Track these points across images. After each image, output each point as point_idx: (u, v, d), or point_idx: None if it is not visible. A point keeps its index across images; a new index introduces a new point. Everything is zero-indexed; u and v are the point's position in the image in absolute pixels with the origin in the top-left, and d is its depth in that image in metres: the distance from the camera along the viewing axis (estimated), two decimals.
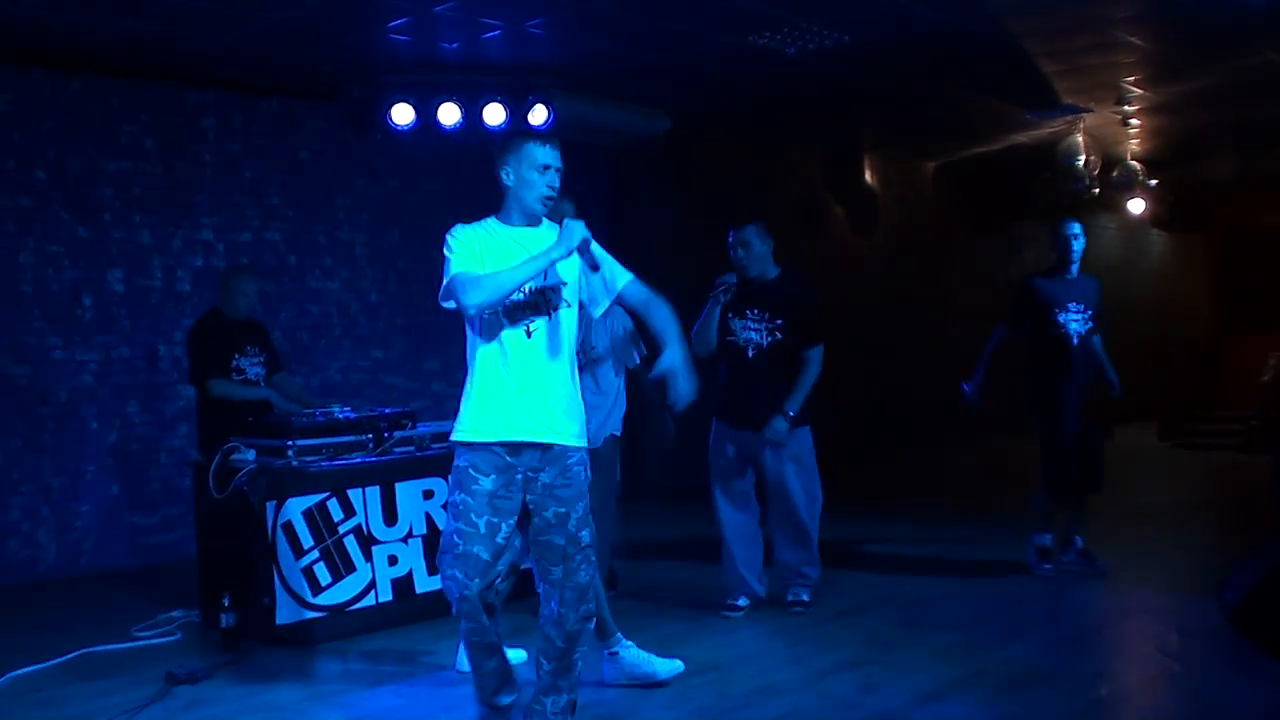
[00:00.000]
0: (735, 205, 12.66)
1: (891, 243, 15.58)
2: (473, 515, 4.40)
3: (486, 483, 4.42)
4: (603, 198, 12.08)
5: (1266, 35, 9.42)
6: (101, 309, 9.08)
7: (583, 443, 4.53)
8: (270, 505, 6.47)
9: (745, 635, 6.58)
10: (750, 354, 6.80)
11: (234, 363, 7.70)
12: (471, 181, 11.14)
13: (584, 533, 4.50)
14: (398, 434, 7.12)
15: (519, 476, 4.47)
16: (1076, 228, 7.99)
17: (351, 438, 6.92)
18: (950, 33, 8.97)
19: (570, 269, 4.59)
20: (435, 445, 7.19)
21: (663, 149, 11.92)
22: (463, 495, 4.44)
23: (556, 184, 4.55)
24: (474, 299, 4.31)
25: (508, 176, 4.57)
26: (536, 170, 4.52)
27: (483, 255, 4.48)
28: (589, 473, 4.57)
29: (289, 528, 6.51)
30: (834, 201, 14.64)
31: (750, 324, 6.83)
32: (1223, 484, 13.04)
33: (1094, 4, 8.43)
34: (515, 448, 4.44)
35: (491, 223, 4.67)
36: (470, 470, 4.46)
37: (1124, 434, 19.24)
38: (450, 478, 4.56)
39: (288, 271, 10.08)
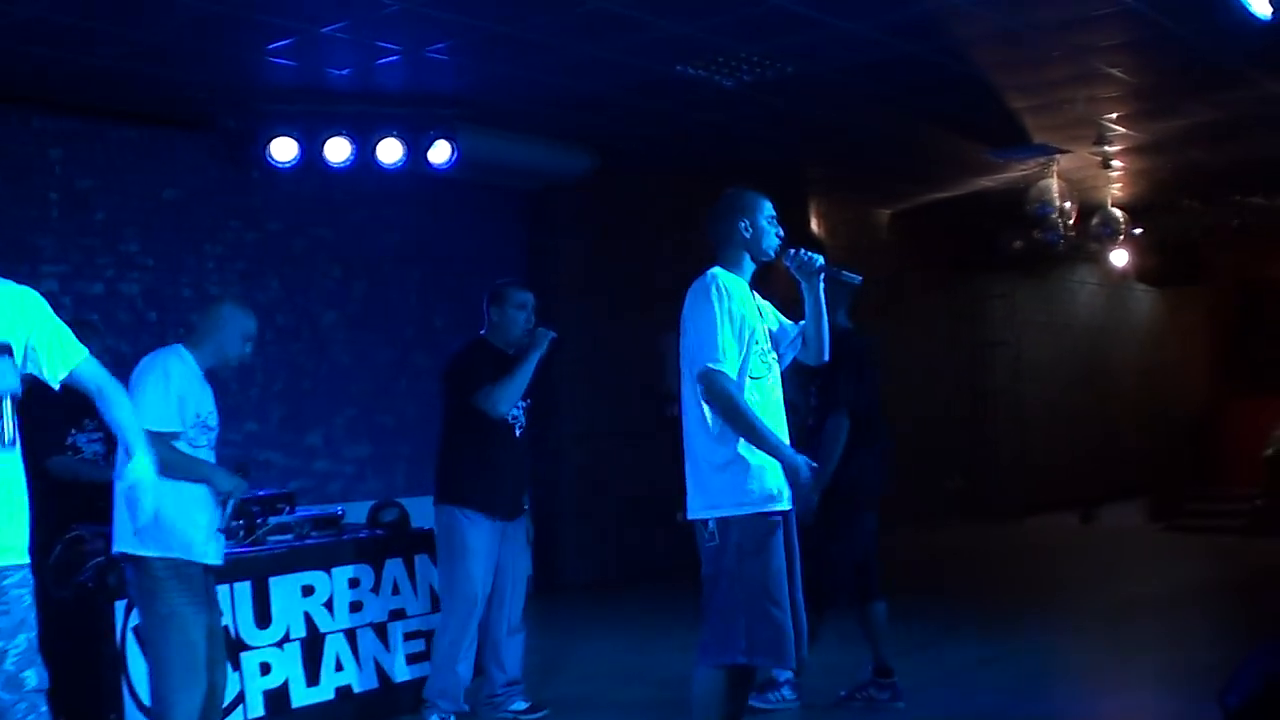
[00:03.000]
0: (667, 253, 12.75)
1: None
2: None
3: None
4: (518, 243, 12.08)
5: (1265, 65, 9.59)
6: None
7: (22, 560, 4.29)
8: (119, 605, 6.33)
9: None
10: (518, 432, 7.23)
11: (69, 439, 7.22)
12: (362, 227, 11.12)
13: (27, 673, 4.27)
14: (273, 520, 7.02)
15: None
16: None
17: None
18: (907, 62, 9.09)
19: None
20: (317, 534, 7.11)
21: (586, 190, 11.96)
22: None
23: None
24: None
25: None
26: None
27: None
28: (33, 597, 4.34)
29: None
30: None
31: None
32: (1223, 571, 13.16)
33: (1070, 31, 8.56)
34: None
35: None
36: None
37: (1109, 514, 19.59)
38: None
39: (146, 329, 9.93)
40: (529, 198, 12.07)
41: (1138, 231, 14.64)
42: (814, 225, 14.92)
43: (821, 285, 5.46)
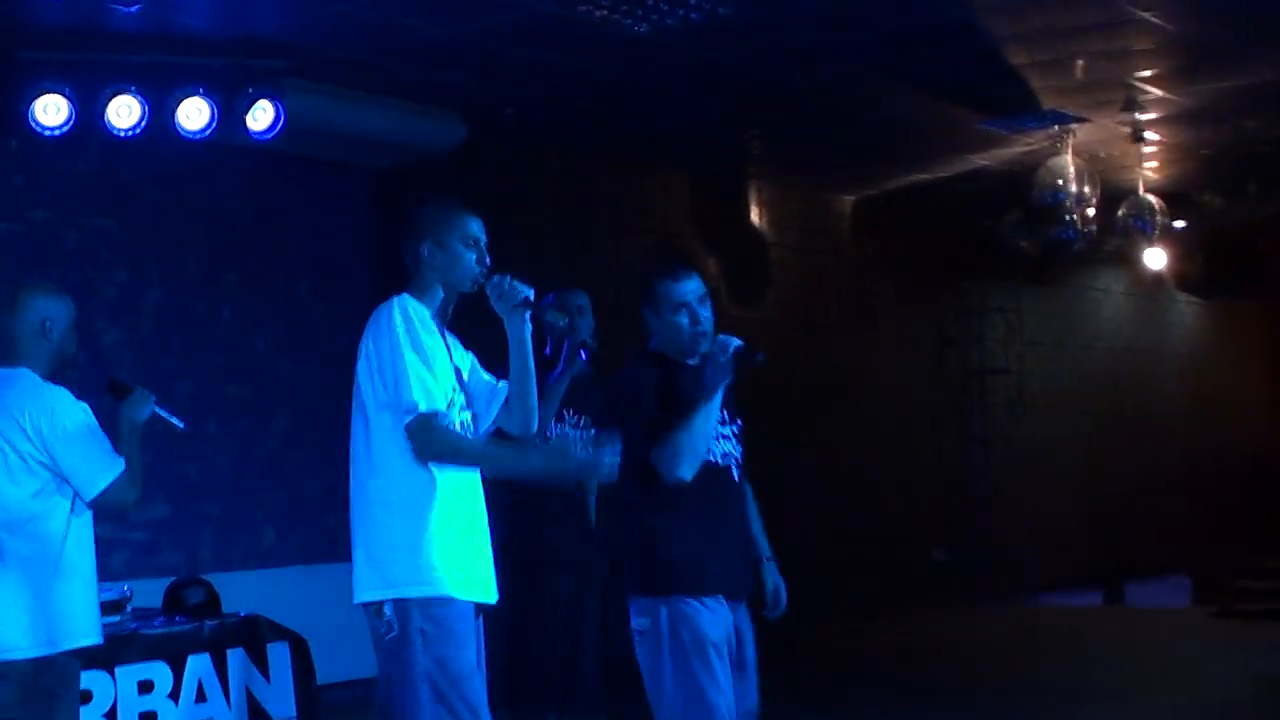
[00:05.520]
0: (554, 251, 12.74)
1: (789, 313, 15.74)
2: None
3: None
4: (363, 236, 12.04)
5: None
6: None
7: None
8: None
9: None
10: (735, 475, 6.83)
11: None
12: (157, 216, 11.04)
13: None
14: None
15: None
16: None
17: None
18: (876, 2, 9.15)
19: None
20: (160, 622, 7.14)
21: (451, 169, 11.95)
22: None
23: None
24: None
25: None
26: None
27: None
28: None
29: None
30: (703, 251, 14.78)
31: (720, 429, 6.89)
32: None
33: None
34: None
35: None
36: None
37: (1142, 594, 19.67)
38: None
39: None
40: (377, 178, 12.02)
41: (1178, 225, 14.78)
42: (754, 216, 14.97)
43: (526, 326, 5.65)
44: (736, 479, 6.42)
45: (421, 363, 5.31)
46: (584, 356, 7.68)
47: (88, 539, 6.30)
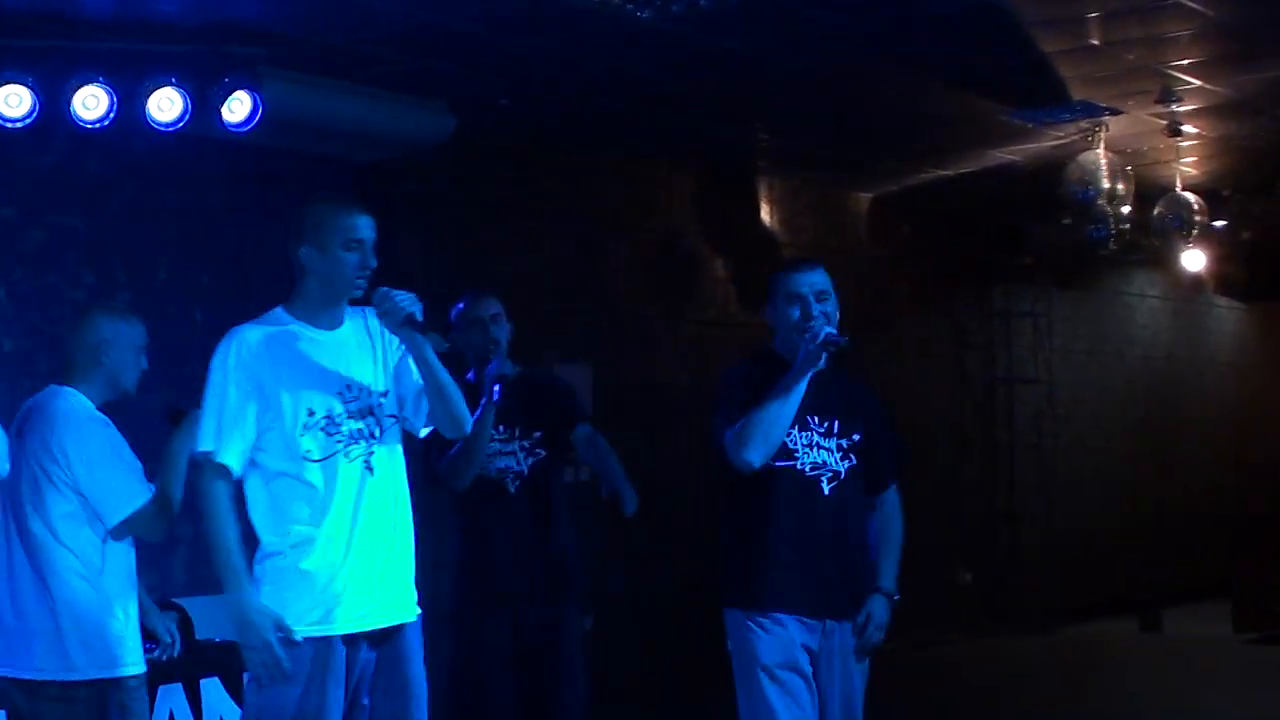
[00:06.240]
0: (547, 251, 12.76)
1: None
2: None
3: None
4: None
5: None
6: None
7: None
8: None
9: None
10: (827, 489, 6.80)
11: None
12: (126, 214, 11.06)
13: None
14: None
15: None
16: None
17: None
18: None
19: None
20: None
21: (440, 164, 11.99)
22: None
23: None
24: None
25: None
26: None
27: None
28: None
29: None
30: (709, 251, 14.86)
31: (819, 439, 6.85)
32: None
33: None
34: None
35: None
36: None
37: (1180, 620, 19.62)
38: None
39: None
40: (362, 173, 12.04)
41: (1217, 225, 14.78)
42: (764, 214, 14.98)
43: (420, 341, 5.68)
44: (828, 493, 6.51)
45: (231, 398, 5.63)
46: (497, 392, 7.80)
47: (123, 565, 6.40)
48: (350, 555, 5.55)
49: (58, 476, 6.28)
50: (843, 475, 6.68)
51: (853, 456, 6.74)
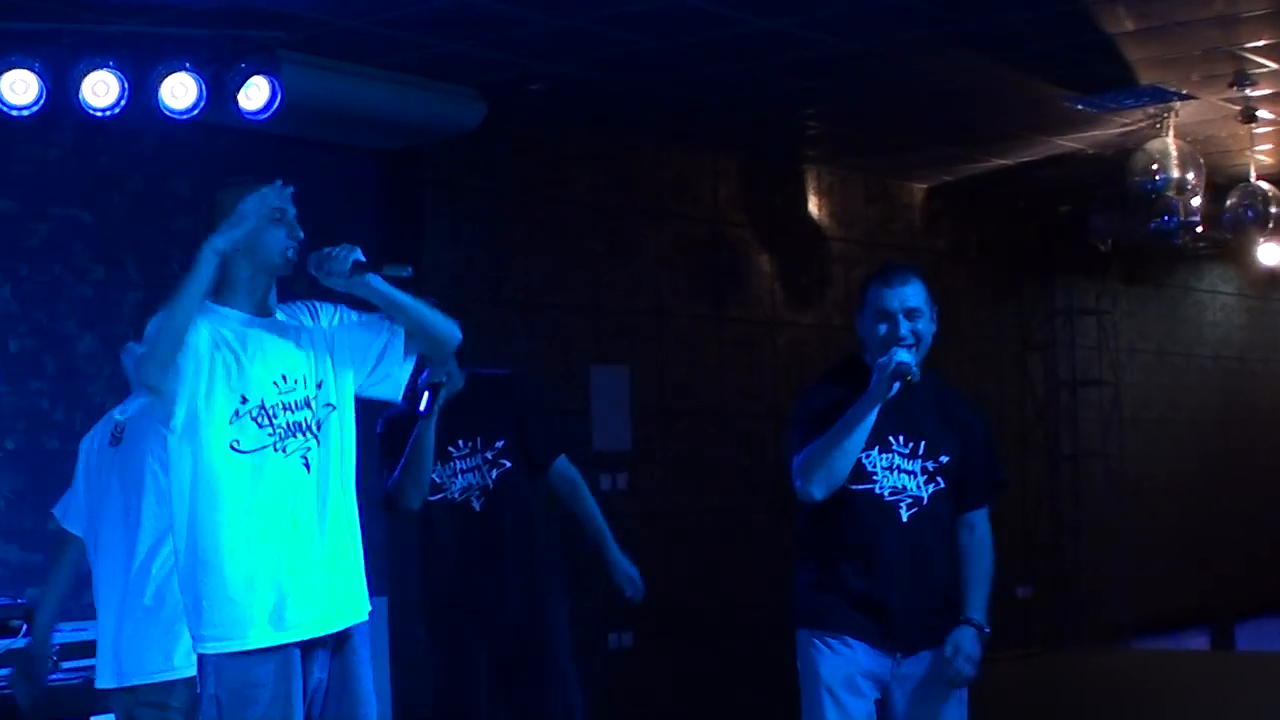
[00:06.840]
0: (588, 245, 12.76)
1: (851, 316, 15.56)
2: None
3: None
4: (370, 225, 12.11)
5: None
6: None
7: None
8: None
9: None
10: (905, 515, 6.73)
11: None
12: (137, 206, 11.12)
13: None
14: (3, 644, 7.05)
15: None
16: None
17: None
18: None
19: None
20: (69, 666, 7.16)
21: (470, 152, 12.02)
22: None
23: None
24: None
25: None
26: None
27: None
28: None
29: None
30: (755, 244, 14.90)
31: (900, 461, 6.78)
32: None
33: None
34: None
35: None
36: None
37: (1254, 636, 19.46)
38: None
39: None
40: (385, 162, 12.09)
41: None
42: (813, 206, 14.99)
43: (375, 282, 5.62)
44: (906, 520, 6.43)
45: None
46: (428, 402, 7.72)
47: None
48: (292, 556, 5.46)
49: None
50: (925, 501, 6.55)
51: (940, 480, 6.61)
